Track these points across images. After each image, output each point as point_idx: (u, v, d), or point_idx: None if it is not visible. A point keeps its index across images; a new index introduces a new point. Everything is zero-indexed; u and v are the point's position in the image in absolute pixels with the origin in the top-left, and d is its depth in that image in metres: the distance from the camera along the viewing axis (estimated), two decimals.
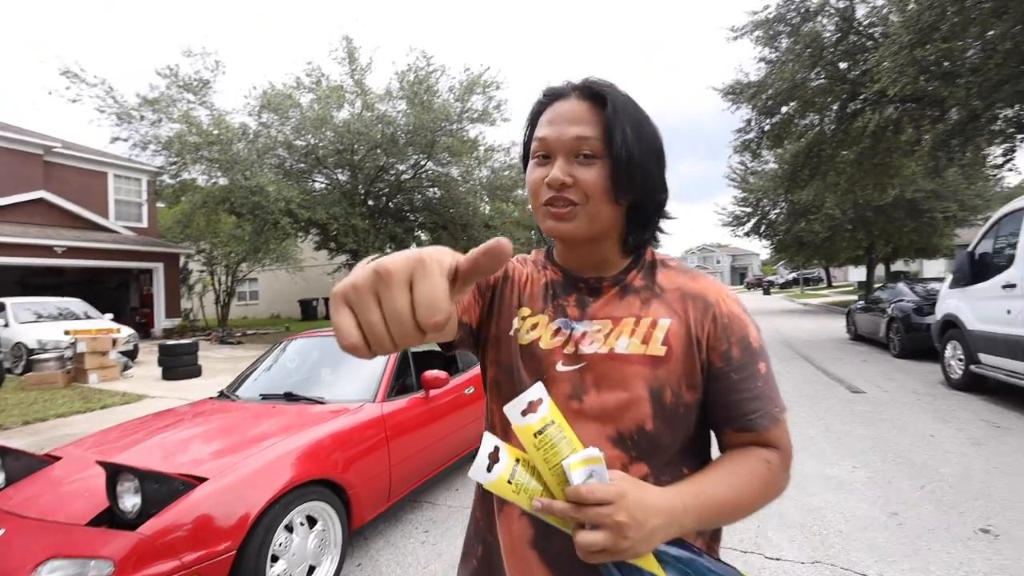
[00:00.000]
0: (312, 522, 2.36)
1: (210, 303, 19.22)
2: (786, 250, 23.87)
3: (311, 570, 2.31)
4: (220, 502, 1.98)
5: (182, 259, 16.95)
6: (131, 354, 9.75)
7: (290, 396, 3.06)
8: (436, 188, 15.03)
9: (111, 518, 1.93)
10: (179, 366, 8.32)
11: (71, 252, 12.98)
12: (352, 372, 3.28)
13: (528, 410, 0.55)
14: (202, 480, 2.03)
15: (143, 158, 13.44)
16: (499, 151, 15.19)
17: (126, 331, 9.97)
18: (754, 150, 12.35)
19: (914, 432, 4.37)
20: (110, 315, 10.93)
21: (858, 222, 17.98)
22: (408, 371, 3.41)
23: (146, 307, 15.70)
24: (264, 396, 3.15)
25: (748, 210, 22.07)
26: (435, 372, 3.23)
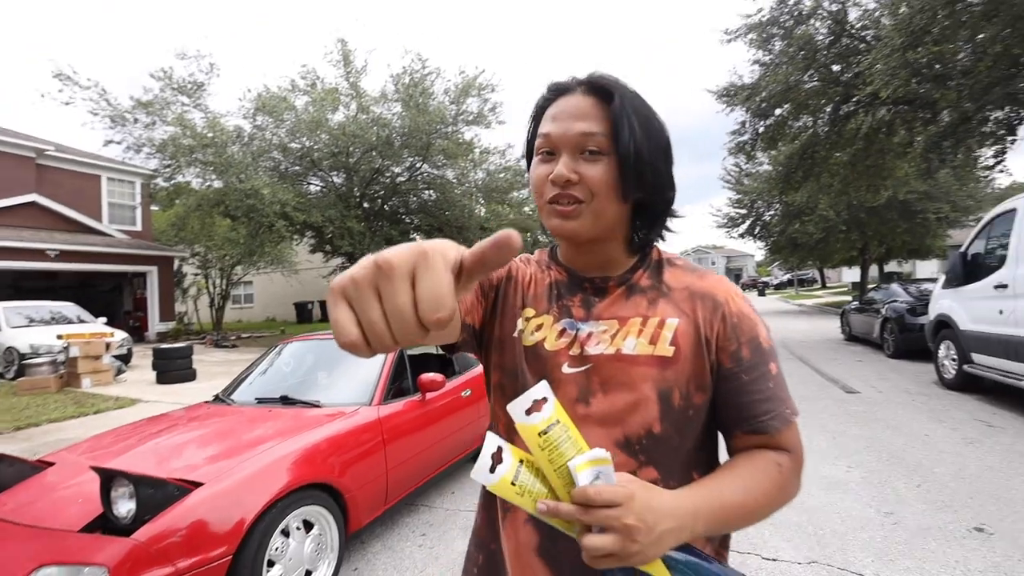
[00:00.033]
0: (308, 526, 2.35)
1: (204, 306, 19.12)
2: (780, 251, 23.97)
3: (308, 575, 2.30)
4: (216, 507, 1.97)
5: (176, 262, 16.87)
6: (125, 358, 9.69)
7: (286, 400, 3.05)
8: (432, 190, 15.02)
9: (105, 524, 1.91)
10: (173, 370, 8.27)
11: (64, 256, 12.89)
12: (348, 375, 3.27)
13: (532, 409, 0.53)
14: (197, 485, 2.02)
15: (137, 161, 13.35)
16: (494, 153, 15.22)
17: (120, 335, 9.91)
18: (748, 152, 12.40)
19: (908, 432, 4.40)
20: (103, 319, 10.84)
21: (852, 223, 18.09)
22: (404, 374, 3.40)
23: (140, 311, 15.59)
24: (260, 400, 3.14)
25: (743, 212, 22.17)
26: (432, 375, 3.22)
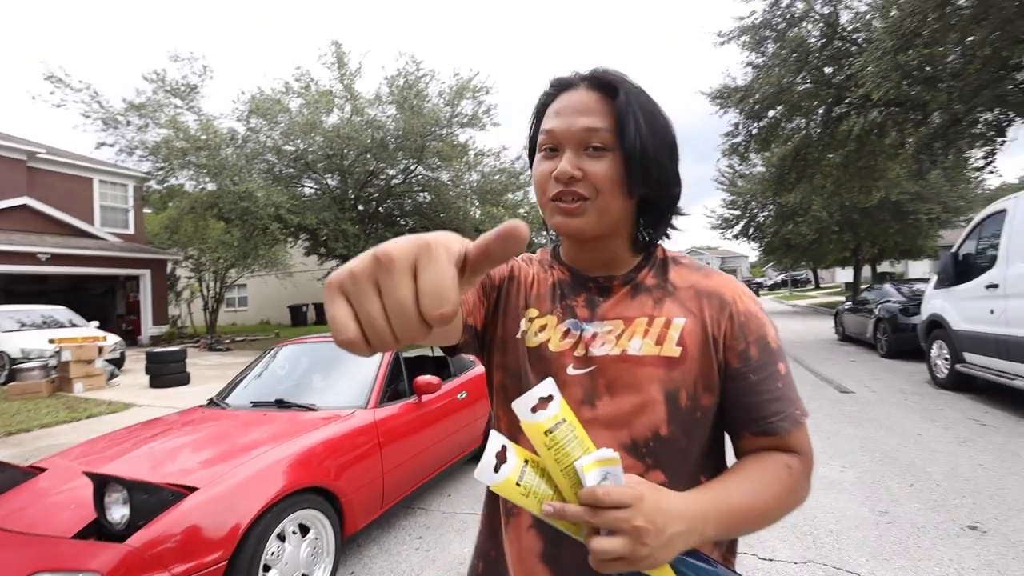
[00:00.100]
0: (304, 530, 2.34)
1: (198, 310, 19.01)
2: (774, 252, 24.12)
3: None
4: (210, 512, 1.95)
5: (169, 265, 16.76)
6: (117, 362, 9.61)
7: (281, 403, 3.03)
8: (426, 193, 15.02)
9: (99, 530, 1.90)
10: (167, 374, 8.21)
11: (55, 259, 12.78)
12: (344, 378, 3.26)
13: (538, 407, 0.51)
14: (192, 490, 2.00)
15: (129, 163, 13.28)
16: (489, 155, 15.24)
17: (112, 339, 9.83)
18: (742, 153, 12.50)
19: (902, 431, 4.42)
20: (96, 323, 10.75)
21: (844, 224, 18.23)
22: (400, 376, 3.39)
23: (133, 314, 15.49)
24: (255, 403, 3.12)
25: (737, 213, 22.32)
26: (427, 377, 3.22)
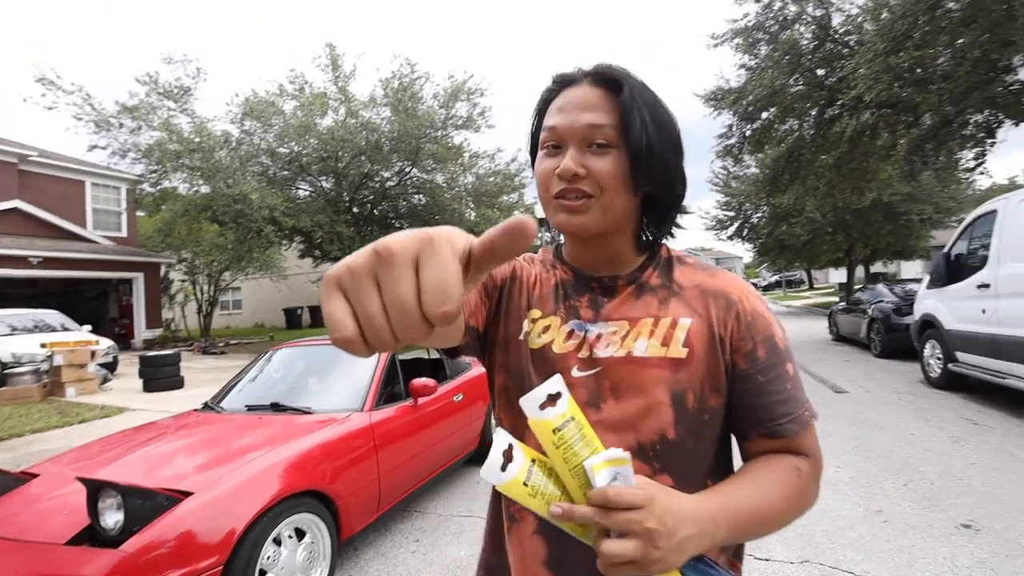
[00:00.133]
0: (300, 534, 2.33)
1: (192, 313, 18.88)
2: (768, 253, 24.22)
3: None
4: (206, 517, 1.94)
5: (163, 268, 16.65)
6: (110, 366, 9.53)
7: (276, 406, 3.02)
8: (421, 195, 15.00)
9: (92, 536, 1.88)
10: (160, 378, 8.16)
11: (47, 263, 12.68)
12: (339, 381, 3.25)
13: (546, 404, 0.49)
14: (187, 495, 1.99)
15: (122, 166, 13.18)
16: (484, 157, 15.23)
17: (105, 343, 9.76)
18: (736, 155, 12.53)
19: (896, 431, 4.45)
20: (88, 326, 10.68)
21: (838, 225, 18.34)
22: (396, 379, 3.38)
23: (126, 318, 15.36)
24: (250, 407, 3.10)
25: (731, 214, 22.41)
26: (423, 380, 3.21)
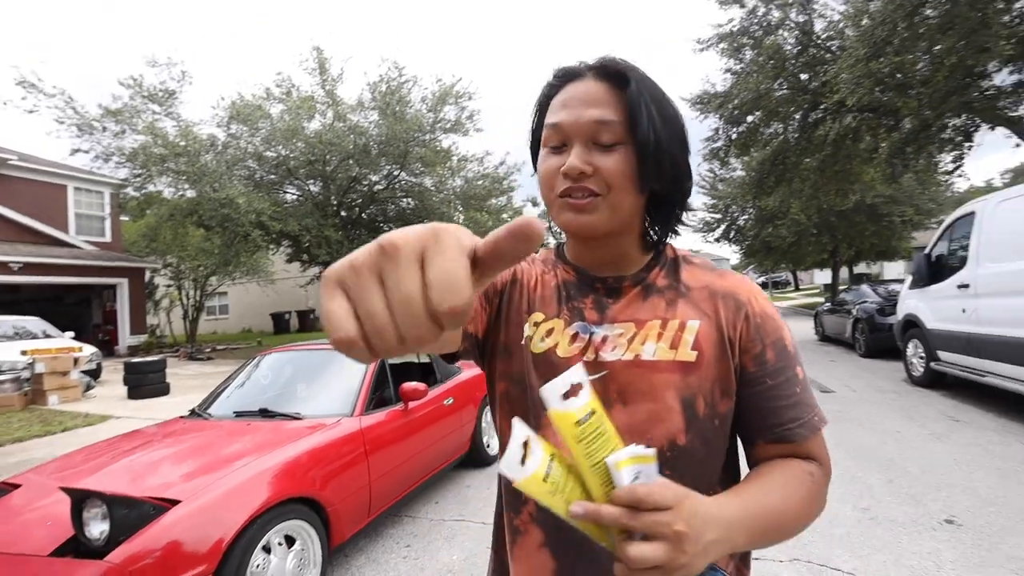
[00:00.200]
0: (291, 541, 2.31)
1: (178, 318, 18.62)
2: (755, 255, 24.48)
3: None
4: (194, 525, 1.92)
5: (148, 274, 16.41)
6: (94, 373, 9.37)
7: (265, 412, 2.99)
8: (410, 198, 14.97)
9: (76, 547, 1.85)
10: (146, 384, 8.04)
11: (28, 268, 12.43)
12: (329, 386, 3.23)
13: (570, 393, 0.45)
14: (174, 503, 1.96)
15: (106, 170, 13.01)
16: (472, 161, 15.26)
17: (88, 349, 9.58)
18: (722, 158, 12.69)
19: (881, 429, 4.53)
20: (71, 333, 10.47)
21: (822, 227, 18.61)
22: (386, 383, 3.37)
23: (109, 324, 15.11)
24: (238, 413, 3.07)
25: (718, 216, 22.68)
26: (414, 384, 3.20)
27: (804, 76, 10.72)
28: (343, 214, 14.54)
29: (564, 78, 0.64)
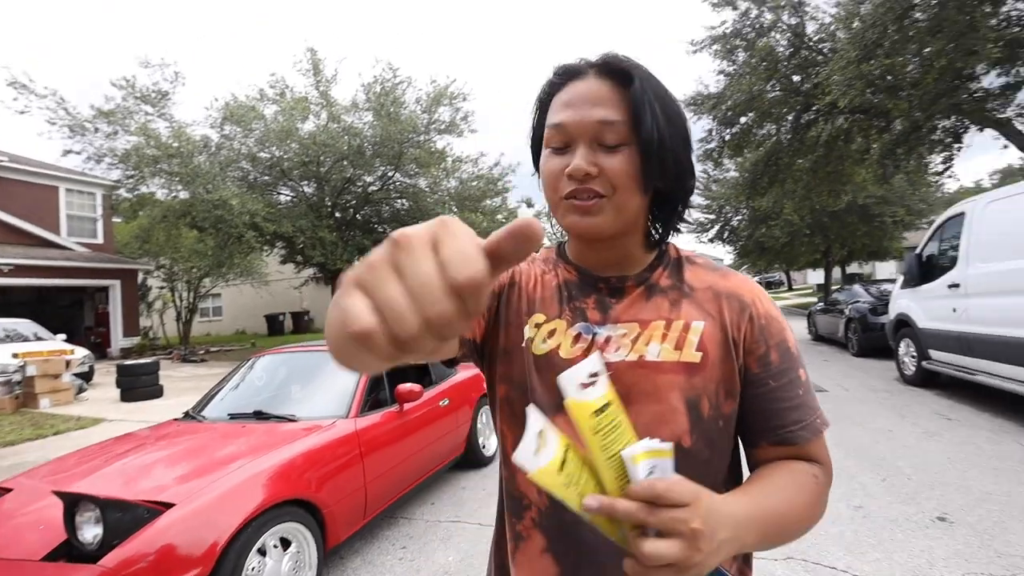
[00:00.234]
0: (286, 544, 2.30)
1: (171, 320, 18.50)
2: (748, 255, 24.63)
3: None
4: (188, 528, 1.91)
5: (140, 275, 16.30)
6: (86, 376, 9.29)
7: (260, 415, 2.98)
8: (404, 199, 14.93)
9: (69, 551, 1.84)
10: (139, 387, 7.98)
11: (19, 270, 12.32)
12: (324, 388, 3.22)
13: (588, 383, 0.44)
14: (168, 506, 1.95)
15: (98, 172, 12.91)
16: (467, 162, 15.26)
17: (80, 352, 9.51)
18: (716, 159, 12.76)
19: (874, 428, 4.56)
20: (63, 335, 10.39)
21: (815, 227, 18.76)
22: (381, 384, 3.36)
23: (102, 326, 14.99)
24: (232, 415, 3.06)
25: (711, 217, 22.81)
26: (409, 385, 3.20)
27: (796, 78, 10.80)
28: (337, 215, 14.49)
29: (565, 76, 0.63)
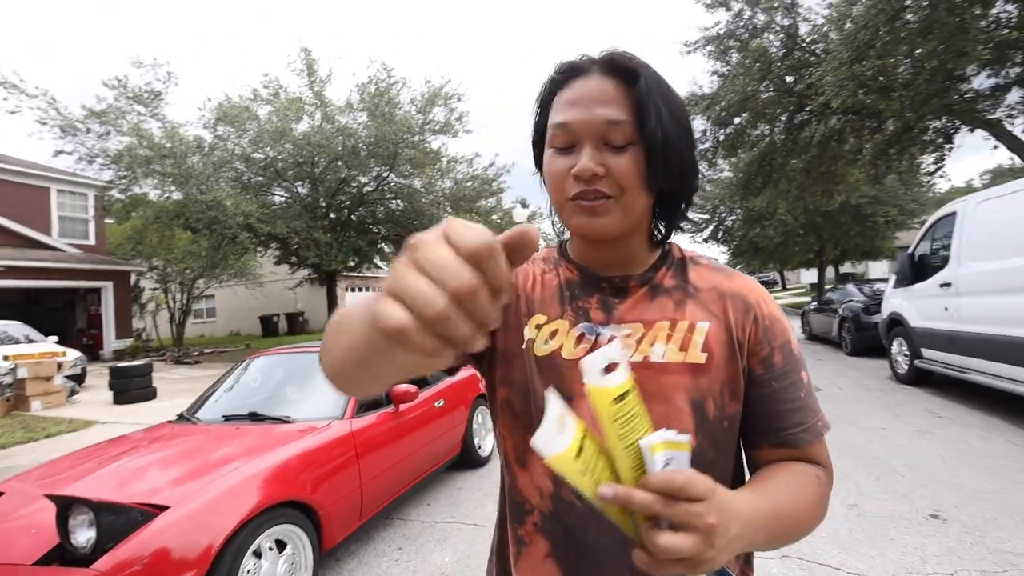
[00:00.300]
0: (281, 546, 2.29)
1: (164, 322, 18.38)
2: (743, 255, 24.73)
3: None
4: (182, 531, 1.90)
5: (133, 277, 16.18)
6: (78, 378, 9.23)
7: (255, 416, 2.96)
8: (399, 200, 14.91)
9: (62, 555, 1.82)
10: (132, 389, 7.93)
11: (10, 272, 12.20)
12: (319, 389, 3.20)
13: (609, 369, 0.43)
14: (163, 509, 1.94)
15: (90, 172, 12.80)
16: (462, 162, 15.25)
17: (72, 354, 9.44)
18: (710, 159, 12.81)
19: (867, 426, 4.59)
20: (54, 337, 10.29)
21: (809, 227, 18.85)
22: None
23: (94, 328, 14.87)
24: (227, 417, 3.04)
25: (706, 217, 22.90)
26: (404, 386, 3.20)
27: (790, 78, 10.86)
28: (332, 216, 14.45)
29: (569, 73, 0.61)
